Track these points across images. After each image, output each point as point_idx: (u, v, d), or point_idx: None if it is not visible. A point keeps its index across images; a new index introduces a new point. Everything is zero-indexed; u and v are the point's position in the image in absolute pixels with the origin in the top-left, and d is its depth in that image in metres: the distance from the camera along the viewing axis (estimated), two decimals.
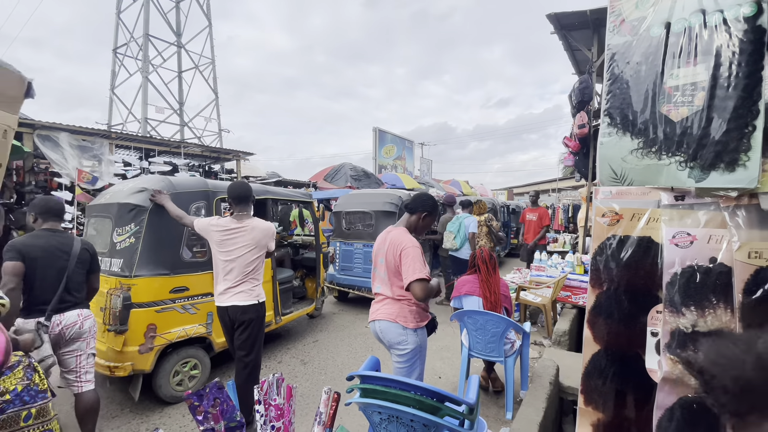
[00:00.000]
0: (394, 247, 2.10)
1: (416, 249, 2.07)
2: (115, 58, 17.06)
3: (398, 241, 2.11)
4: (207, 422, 1.01)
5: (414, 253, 2.05)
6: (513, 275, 5.31)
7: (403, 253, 2.06)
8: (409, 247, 2.07)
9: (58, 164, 6.00)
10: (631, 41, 1.39)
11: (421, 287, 2.01)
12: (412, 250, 2.06)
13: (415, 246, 2.09)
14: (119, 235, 2.90)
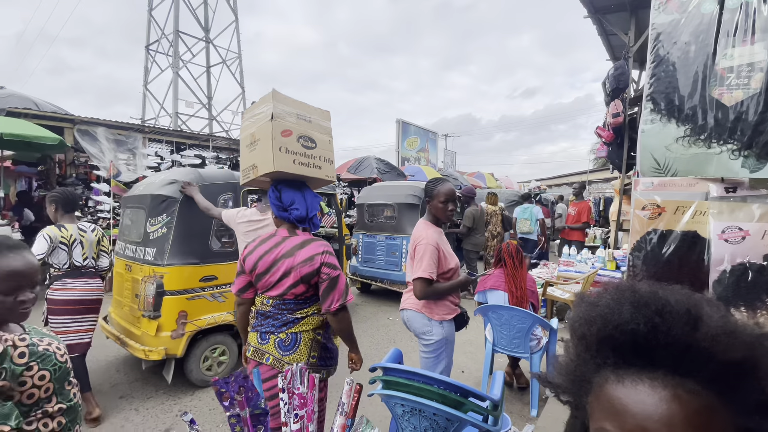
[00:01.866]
0: (413, 241, 2.13)
1: (428, 246, 2.03)
2: (148, 54, 17.66)
3: (416, 235, 2.13)
4: (233, 408, 1.03)
5: (424, 249, 2.03)
6: (540, 270, 5.17)
7: (417, 248, 2.08)
8: (422, 243, 2.05)
9: (96, 157, 6.29)
10: (678, 19, 1.29)
11: (419, 286, 2.00)
12: (423, 246, 2.04)
13: (428, 243, 2.04)
14: (152, 225, 3.01)
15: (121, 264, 3.31)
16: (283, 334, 1.66)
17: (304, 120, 1.83)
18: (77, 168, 6.59)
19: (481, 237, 5.54)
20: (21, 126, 5.06)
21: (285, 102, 1.79)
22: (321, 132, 1.90)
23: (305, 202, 1.76)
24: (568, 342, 0.55)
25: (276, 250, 1.68)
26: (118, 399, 2.93)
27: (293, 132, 1.74)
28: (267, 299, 1.69)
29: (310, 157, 1.80)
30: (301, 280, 1.62)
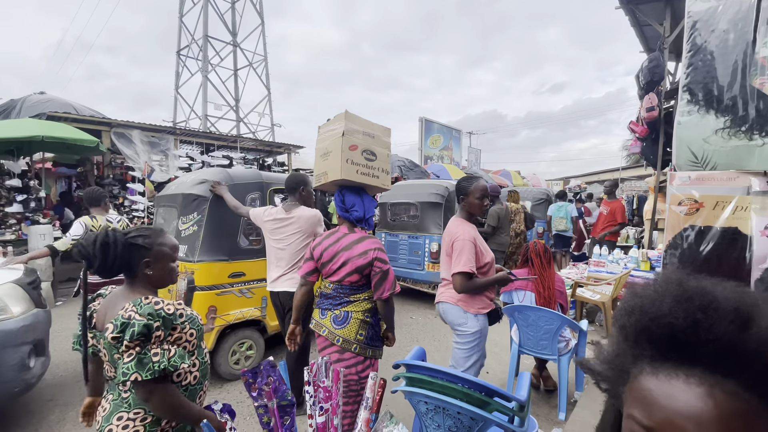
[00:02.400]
0: (449, 237, 2.22)
1: (466, 241, 2.14)
2: (179, 59, 18.34)
3: (453, 232, 2.21)
4: (261, 399, 1.06)
5: (462, 245, 2.13)
6: (569, 270, 5.03)
7: (455, 244, 2.16)
8: (460, 239, 2.15)
9: (131, 159, 6.60)
10: (716, 6, 1.22)
11: (459, 280, 2.12)
12: (461, 242, 2.14)
13: (466, 239, 2.14)
14: (183, 223, 3.13)
15: None
16: (337, 311, 1.98)
17: (368, 136, 2.13)
18: (114, 169, 6.93)
19: (506, 236, 5.43)
20: (61, 129, 5.37)
21: (354, 121, 2.09)
22: (381, 147, 2.19)
23: (363, 205, 2.07)
24: (612, 331, 0.55)
25: (338, 243, 2.00)
26: None
27: (358, 147, 2.05)
28: (329, 283, 2.03)
29: (371, 168, 2.09)
30: (355, 270, 1.92)
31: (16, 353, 2.23)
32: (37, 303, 2.51)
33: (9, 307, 2.27)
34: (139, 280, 1.25)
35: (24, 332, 2.28)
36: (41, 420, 2.61)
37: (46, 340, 2.61)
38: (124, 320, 1.07)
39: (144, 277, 1.25)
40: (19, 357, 2.25)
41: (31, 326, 2.35)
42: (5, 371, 2.18)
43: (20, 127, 5.15)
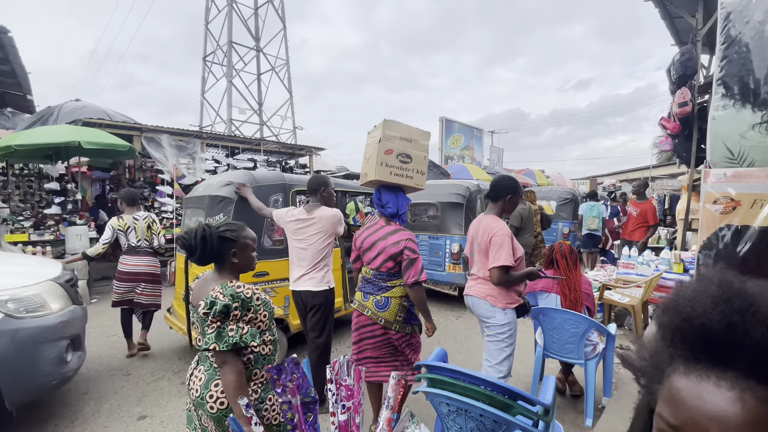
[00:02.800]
0: (486, 233, 2.27)
1: (506, 237, 2.20)
2: (205, 65, 18.93)
3: (490, 227, 2.26)
4: (285, 395, 1.08)
5: (502, 240, 2.19)
6: (597, 272, 4.88)
7: (493, 239, 2.22)
8: (498, 234, 2.22)
9: (160, 162, 6.85)
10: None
11: (498, 274, 2.19)
12: (501, 237, 2.20)
13: (505, 234, 2.21)
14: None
15: (182, 260, 3.58)
16: (379, 296, 2.31)
17: (405, 141, 2.39)
18: (144, 172, 7.22)
19: (530, 237, 5.30)
20: (96, 135, 5.63)
21: (392, 128, 2.37)
22: (418, 149, 2.43)
23: (397, 202, 2.37)
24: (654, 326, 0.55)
25: (375, 234, 2.34)
26: (180, 385, 3.17)
27: (394, 151, 2.33)
28: (369, 269, 2.37)
29: (405, 170, 2.37)
30: (390, 258, 2.24)
31: (55, 348, 2.35)
32: (74, 300, 2.64)
33: (48, 303, 2.39)
34: (227, 267, 1.48)
35: (62, 328, 2.40)
36: (77, 412, 2.74)
37: (83, 336, 2.74)
38: (212, 299, 1.29)
39: (231, 264, 1.48)
40: (57, 351, 2.37)
41: (68, 322, 2.46)
42: (44, 365, 2.30)
43: (58, 133, 5.44)
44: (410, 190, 2.47)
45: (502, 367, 2.32)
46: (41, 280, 2.45)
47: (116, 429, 2.55)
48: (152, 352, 3.80)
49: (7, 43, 8.02)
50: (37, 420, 2.62)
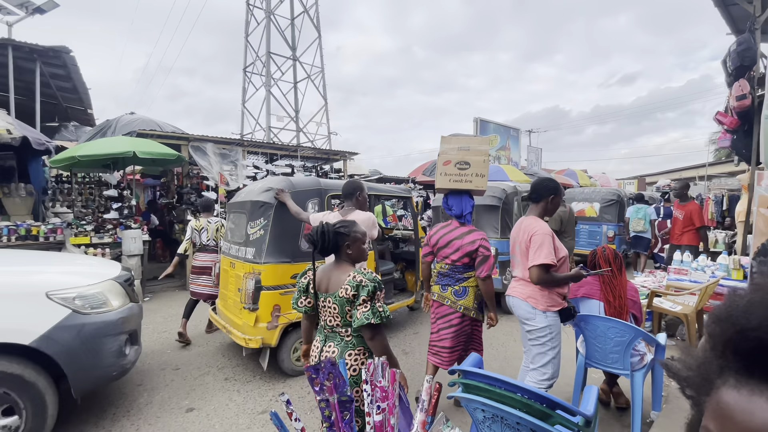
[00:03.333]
0: (526, 233, 2.26)
1: (546, 236, 2.18)
2: (245, 76, 19.82)
3: (530, 227, 2.26)
4: (323, 394, 1.12)
5: (542, 239, 2.17)
6: (645, 278, 4.60)
7: (533, 237, 2.20)
8: (539, 233, 2.20)
9: (206, 169, 7.25)
10: None
11: (538, 272, 2.16)
12: (541, 236, 2.18)
13: (546, 233, 2.19)
14: (252, 227, 3.38)
15: (226, 261, 3.78)
16: (457, 286, 2.67)
17: (463, 150, 2.72)
18: (191, 179, 7.65)
19: (570, 241, 5.08)
20: (149, 145, 6.05)
21: (449, 141, 2.80)
22: (476, 155, 2.71)
23: (461, 205, 2.73)
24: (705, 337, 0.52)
25: (451, 234, 2.68)
26: (224, 380, 3.33)
27: (451, 161, 2.72)
28: (445, 264, 2.71)
29: (463, 176, 2.71)
30: (466, 254, 2.60)
31: (115, 341, 2.56)
32: (131, 298, 2.85)
33: (110, 301, 2.60)
34: (343, 257, 1.74)
35: (121, 323, 2.60)
36: (132, 402, 2.96)
37: (139, 331, 2.96)
38: (357, 283, 1.57)
39: (346, 255, 1.73)
40: (117, 345, 2.57)
41: (127, 318, 2.67)
42: (106, 357, 2.51)
43: (116, 144, 5.91)
44: (475, 193, 2.79)
45: (546, 369, 2.27)
46: (103, 279, 2.66)
47: (167, 419, 2.73)
48: (198, 349, 4.03)
49: (69, 62, 8.82)
50: (98, 408, 2.86)
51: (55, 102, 11.12)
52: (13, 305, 2.24)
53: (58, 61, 8.64)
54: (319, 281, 1.73)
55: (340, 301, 1.61)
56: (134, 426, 2.65)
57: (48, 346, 2.25)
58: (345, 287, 1.59)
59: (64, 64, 8.86)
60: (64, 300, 2.37)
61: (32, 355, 2.26)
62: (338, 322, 1.65)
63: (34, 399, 2.24)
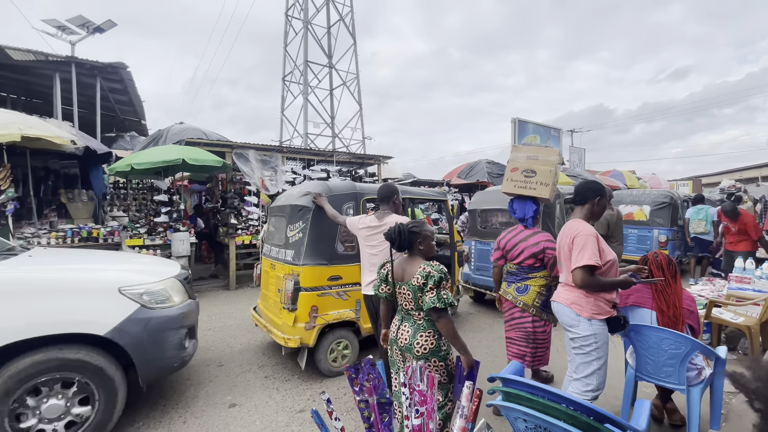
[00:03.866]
0: (569, 235, 2.20)
1: (589, 237, 2.09)
2: (284, 85, 20.52)
3: (572, 229, 2.20)
4: (362, 394, 1.13)
5: (585, 240, 2.09)
6: (702, 287, 4.27)
7: (576, 239, 2.12)
8: (581, 235, 2.11)
9: (248, 175, 7.56)
10: None
11: (582, 275, 2.07)
12: (584, 237, 2.10)
13: (589, 234, 2.10)
14: (291, 230, 3.49)
15: (267, 263, 3.91)
16: (520, 284, 2.85)
17: (532, 159, 2.97)
18: (234, 184, 8.01)
19: (618, 246, 4.79)
20: (197, 153, 6.41)
21: (520, 150, 3.08)
22: (544, 165, 2.91)
23: (524, 209, 2.93)
24: None
25: (517, 237, 2.89)
26: (264, 378, 3.44)
27: (519, 168, 2.98)
28: (513, 265, 2.92)
29: (528, 182, 2.93)
30: (531, 256, 2.78)
31: (177, 335, 2.73)
32: (190, 295, 3.04)
33: (172, 297, 2.79)
34: (416, 252, 2.01)
35: (182, 318, 2.78)
36: (180, 395, 3.12)
37: (196, 326, 3.14)
38: (427, 273, 1.83)
39: (418, 250, 2.01)
40: (178, 338, 2.74)
41: (187, 314, 2.84)
42: (169, 349, 2.68)
43: (167, 152, 6.31)
44: (542, 201, 2.97)
45: (590, 380, 2.16)
46: (166, 277, 2.85)
47: (211, 414, 2.86)
48: (240, 347, 4.19)
49: (126, 77, 9.57)
50: (150, 400, 3.04)
51: (113, 114, 12.10)
52: (91, 299, 2.44)
53: (116, 76, 9.40)
54: (395, 272, 2.05)
55: (413, 288, 1.90)
56: (182, 418, 2.79)
57: (120, 337, 2.44)
58: (417, 277, 1.87)
59: (121, 79, 9.62)
60: (134, 295, 2.56)
61: (106, 346, 2.46)
62: (412, 306, 1.94)
63: (108, 389, 2.43)
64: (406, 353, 1.92)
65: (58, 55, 8.24)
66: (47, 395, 2.28)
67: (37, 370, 2.24)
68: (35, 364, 2.24)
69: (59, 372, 2.30)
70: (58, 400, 2.29)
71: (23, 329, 2.20)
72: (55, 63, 8.33)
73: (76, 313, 2.35)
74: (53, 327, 2.28)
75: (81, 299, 2.40)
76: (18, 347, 2.21)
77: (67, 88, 8.73)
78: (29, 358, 2.24)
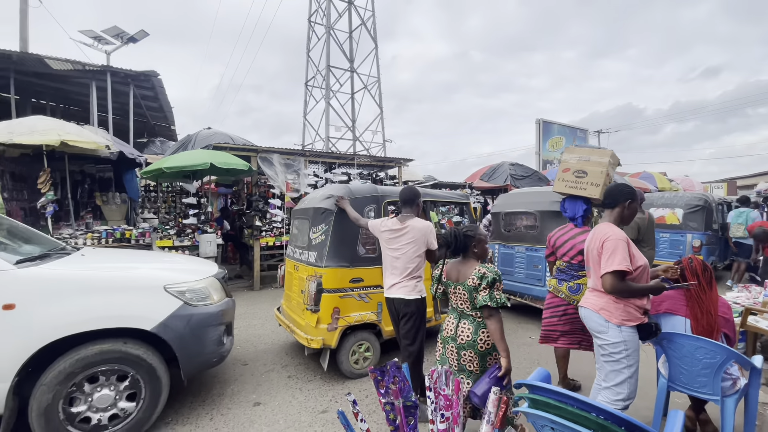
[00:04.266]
0: (598, 239, 2.16)
1: (620, 241, 2.04)
2: (306, 90, 20.87)
3: (602, 233, 2.15)
4: (388, 396, 1.13)
5: (615, 244, 2.03)
6: (737, 294, 4.06)
7: (605, 244, 2.07)
8: (611, 239, 2.06)
9: (272, 178, 7.72)
10: None
11: (612, 280, 2.01)
12: (614, 241, 2.04)
13: (619, 238, 2.05)
14: (314, 233, 3.54)
15: (291, 264, 3.98)
16: (572, 282, 2.94)
17: (583, 160, 3.08)
18: (259, 187, 8.20)
19: (650, 250, 4.60)
20: (224, 157, 6.61)
21: (572, 151, 3.21)
22: (595, 166, 3.01)
23: (574, 208, 3.09)
24: None
25: (567, 234, 3.04)
26: (287, 378, 3.50)
27: (570, 169, 3.13)
28: (563, 262, 3.05)
29: (579, 183, 3.05)
30: (579, 253, 2.84)
31: (216, 331, 2.84)
32: (227, 293, 3.15)
33: (212, 295, 2.90)
34: (470, 255, 2.18)
35: (221, 315, 2.88)
36: (207, 393, 3.21)
37: (233, 324, 3.25)
38: (481, 274, 1.99)
39: (473, 253, 2.17)
40: (217, 334, 2.85)
41: (225, 311, 2.95)
42: (209, 344, 2.79)
43: (195, 156, 6.53)
44: (595, 201, 3.05)
45: (620, 389, 2.09)
46: (206, 276, 2.98)
47: (237, 412, 2.93)
48: (264, 346, 4.27)
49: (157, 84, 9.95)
50: (180, 395, 3.13)
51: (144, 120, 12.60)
52: (139, 296, 2.58)
53: (148, 83, 9.79)
54: (449, 273, 2.24)
55: (468, 288, 2.05)
56: (209, 415, 2.87)
57: (165, 332, 2.56)
58: (472, 277, 2.02)
59: (152, 86, 10.01)
60: (177, 293, 2.69)
61: (151, 342, 2.58)
62: (467, 306, 2.10)
63: (155, 388, 2.55)
64: (463, 351, 2.08)
65: (94, 64, 8.66)
66: (102, 384, 2.43)
67: (101, 359, 2.40)
68: (102, 353, 2.40)
69: (118, 364, 2.45)
70: (110, 391, 2.44)
71: (82, 323, 2.35)
72: (91, 72, 8.76)
73: (126, 309, 2.49)
74: (107, 321, 2.43)
75: (130, 296, 2.54)
76: (75, 339, 2.35)
77: (102, 95, 9.17)
78: (98, 346, 2.40)
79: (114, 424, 2.43)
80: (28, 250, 2.71)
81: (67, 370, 2.29)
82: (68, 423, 2.31)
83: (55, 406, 2.27)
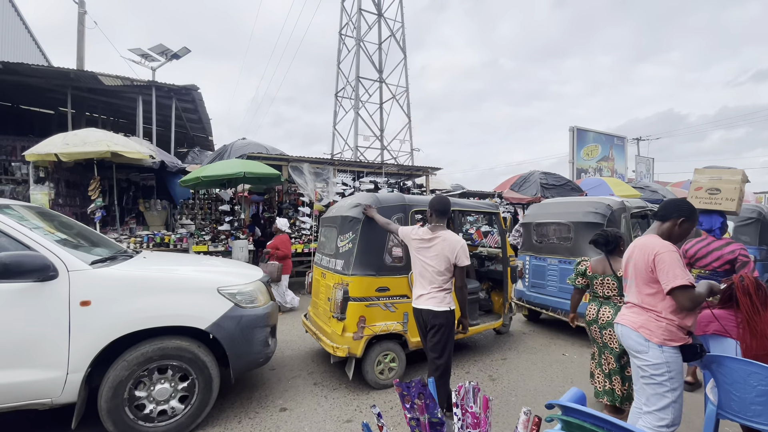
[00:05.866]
0: (645, 253, 2.03)
1: (673, 253, 1.94)
2: (336, 100, 21.32)
3: (650, 246, 2.03)
4: (413, 412, 1.11)
5: (671, 257, 1.92)
6: None
7: (658, 258, 1.95)
8: (663, 252, 1.95)
9: (302, 187, 7.90)
10: None
11: (685, 295, 1.88)
12: (669, 254, 1.93)
13: (672, 250, 1.95)
14: (341, 241, 3.57)
15: (318, 271, 4.03)
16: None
17: (714, 179, 3.46)
18: (289, 195, 8.41)
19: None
20: (257, 166, 6.85)
21: (704, 173, 3.59)
22: (728, 184, 3.40)
23: (710, 222, 3.32)
24: None
25: (709, 246, 3.21)
26: (313, 385, 3.51)
27: (702, 187, 3.50)
28: (705, 271, 3.22)
29: (713, 198, 3.42)
30: (726, 262, 3.07)
31: (263, 333, 2.94)
32: (271, 297, 3.26)
33: (259, 297, 3.01)
34: (616, 254, 2.87)
35: (267, 318, 2.99)
36: (235, 396, 3.28)
37: (276, 326, 3.35)
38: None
39: (618, 251, 2.86)
40: (264, 336, 2.95)
41: (270, 314, 3.06)
42: (256, 345, 2.90)
43: (230, 166, 6.81)
44: (729, 213, 3.35)
45: (664, 414, 1.95)
46: (254, 280, 3.10)
47: (264, 416, 2.97)
48: (291, 352, 4.33)
49: (197, 97, 10.50)
50: None
51: (184, 131, 13.31)
52: (196, 297, 2.72)
53: (189, 97, 10.34)
54: (595, 267, 2.92)
55: (617, 279, 2.73)
56: (237, 418, 2.93)
57: (217, 332, 2.70)
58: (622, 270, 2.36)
59: (192, 100, 10.58)
60: (229, 295, 2.82)
61: (204, 341, 2.72)
62: (615, 293, 2.76)
63: (207, 384, 2.69)
64: (604, 330, 2.70)
65: (141, 80, 9.26)
66: (166, 378, 2.59)
67: (175, 354, 2.58)
68: (178, 348, 2.58)
69: (186, 363, 2.62)
70: (170, 386, 2.59)
71: (146, 320, 2.52)
72: (138, 87, 9.36)
73: (184, 308, 2.64)
74: (167, 319, 2.58)
75: (188, 296, 2.69)
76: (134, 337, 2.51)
77: (148, 108, 9.76)
78: (177, 340, 2.60)
79: (160, 420, 2.56)
80: (98, 252, 2.89)
81: (148, 354, 2.50)
82: (128, 403, 2.48)
83: (126, 384, 2.45)
